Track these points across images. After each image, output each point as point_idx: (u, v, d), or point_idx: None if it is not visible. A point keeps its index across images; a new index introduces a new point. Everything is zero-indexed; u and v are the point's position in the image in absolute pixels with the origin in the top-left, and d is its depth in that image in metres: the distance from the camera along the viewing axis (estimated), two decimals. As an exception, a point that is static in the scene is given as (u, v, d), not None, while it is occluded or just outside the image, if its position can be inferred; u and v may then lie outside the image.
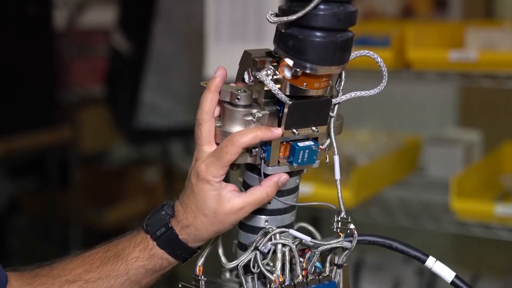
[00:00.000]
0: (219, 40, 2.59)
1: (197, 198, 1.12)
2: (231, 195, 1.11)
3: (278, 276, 1.08)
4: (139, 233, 1.18)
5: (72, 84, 4.88)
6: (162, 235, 1.15)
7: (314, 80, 1.02)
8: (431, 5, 5.57)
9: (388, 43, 2.52)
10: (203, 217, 1.12)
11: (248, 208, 1.11)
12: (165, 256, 1.16)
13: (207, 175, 1.10)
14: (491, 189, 2.68)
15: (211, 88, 1.11)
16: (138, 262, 1.16)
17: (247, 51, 1.07)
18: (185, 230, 1.14)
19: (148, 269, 1.17)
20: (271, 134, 1.07)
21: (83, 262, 1.19)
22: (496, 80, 2.47)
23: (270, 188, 1.11)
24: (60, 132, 4.42)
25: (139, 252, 1.17)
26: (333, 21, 0.97)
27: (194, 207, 1.13)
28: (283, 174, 1.11)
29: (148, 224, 1.17)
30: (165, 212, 1.16)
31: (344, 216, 1.09)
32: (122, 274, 1.17)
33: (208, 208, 1.11)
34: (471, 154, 2.91)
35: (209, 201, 1.11)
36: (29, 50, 4.26)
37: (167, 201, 1.19)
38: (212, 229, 1.13)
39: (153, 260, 1.16)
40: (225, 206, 1.11)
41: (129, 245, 1.18)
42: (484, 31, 2.65)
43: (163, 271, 1.20)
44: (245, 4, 2.53)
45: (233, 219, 1.12)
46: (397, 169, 2.86)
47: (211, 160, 1.10)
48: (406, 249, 1.12)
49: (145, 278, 1.18)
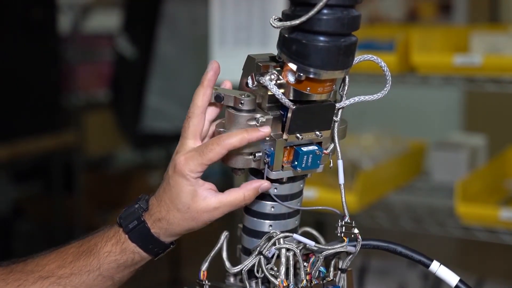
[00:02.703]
0: (224, 45, 2.59)
1: (172, 191, 1.11)
2: (207, 194, 1.10)
3: (282, 281, 1.08)
4: (112, 228, 1.17)
5: (77, 88, 4.89)
6: (134, 228, 1.14)
7: (318, 84, 1.02)
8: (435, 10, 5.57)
9: (393, 47, 2.52)
10: (176, 211, 1.11)
11: (223, 209, 1.11)
12: (136, 250, 1.15)
13: (185, 168, 1.09)
14: (496, 194, 2.67)
15: (203, 83, 1.12)
16: (110, 257, 1.15)
17: (251, 56, 1.08)
18: (157, 224, 1.13)
19: (120, 264, 1.16)
20: (257, 134, 1.06)
21: (57, 258, 1.18)
22: (501, 84, 2.47)
23: (249, 192, 1.10)
24: (65, 136, 4.43)
25: (111, 246, 1.15)
26: (337, 25, 0.97)
27: (168, 200, 1.12)
28: (265, 182, 1.10)
29: (121, 218, 1.16)
30: (138, 205, 1.15)
31: (348, 221, 1.09)
32: (94, 269, 1.16)
33: (182, 203, 1.10)
34: (476, 158, 2.91)
35: (183, 195, 1.10)
36: (33, 55, 4.27)
37: (143, 195, 1.18)
38: (185, 224, 1.12)
39: (125, 254, 1.15)
40: (200, 203, 1.10)
41: (101, 240, 1.17)
42: (489, 36, 2.65)
43: (136, 266, 1.18)
44: (249, 9, 2.53)
45: (206, 218, 1.11)
46: (402, 174, 2.86)
47: (192, 155, 1.09)
48: (410, 254, 1.12)
49: (118, 273, 1.17)
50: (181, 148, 1.12)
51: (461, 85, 2.77)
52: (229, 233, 1.17)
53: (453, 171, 2.80)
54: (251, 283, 1.12)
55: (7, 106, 4.15)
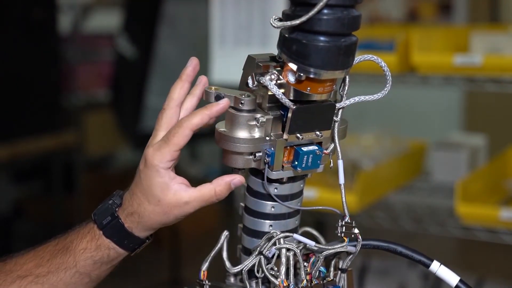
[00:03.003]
0: (224, 45, 2.59)
1: (142, 184, 1.10)
2: (178, 187, 1.10)
3: (283, 281, 1.08)
4: (88, 224, 1.17)
5: (77, 88, 4.90)
6: (108, 224, 1.14)
7: (318, 84, 1.02)
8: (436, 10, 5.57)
9: (393, 47, 2.52)
10: (146, 204, 1.11)
11: (194, 204, 1.10)
12: (111, 246, 1.14)
13: (153, 159, 1.09)
14: (496, 194, 2.67)
15: (181, 77, 1.13)
16: (85, 254, 1.15)
17: (251, 56, 1.07)
18: (130, 218, 1.13)
19: (95, 260, 1.15)
20: (217, 107, 1.07)
21: (34, 256, 1.18)
22: (501, 84, 2.47)
23: (220, 187, 1.10)
24: (65, 136, 4.43)
25: (86, 243, 1.15)
26: (337, 25, 0.97)
27: (139, 193, 1.11)
28: (238, 176, 1.10)
29: (95, 214, 1.15)
30: (112, 201, 1.15)
31: (348, 221, 1.09)
32: (70, 266, 1.15)
33: (152, 195, 1.10)
34: (476, 158, 2.91)
35: (153, 188, 1.09)
36: (34, 55, 4.27)
37: (117, 190, 1.17)
38: (156, 218, 1.12)
39: (100, 250, 1.15)
40: (170, 197, 1.09)
41: (77, 237, 1.16)
42: (489, 35, 2.65)
43: (113, 263, 1.17)
44: (249, 9, 2.53)
45: (177, 212, 1.11)
46: (402, 174, 2.86)
47: (159, 144, 1.09)
48: (411, 254, 1.12)
49: (94, 270, 1.16)
50: (152, 140, 1.11)
51: (461, 85, 2.77)
52: (229, 233, 1.17)
53: (453, 171, 2.80)
54: (251, 283, 1.12)
55: (7, 106, 4.16)
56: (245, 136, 1.06)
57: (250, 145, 1.06)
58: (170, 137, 1.08)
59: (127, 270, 4.46)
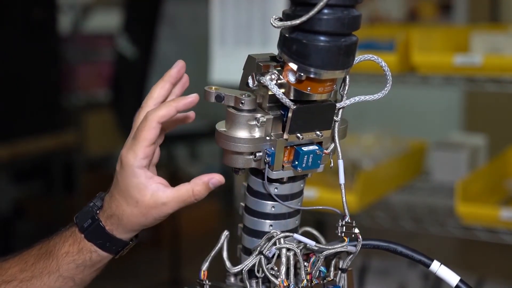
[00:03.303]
0: (224, 45, 2.59)
1: (120, 186, 1.09)
2: (155, 188, 1.08)
3: (283, 281, 1.08)
4: (70, 227, 1.15)
5: (77, 88, 4.90)
6: (89, 227, 1.12)
7: (318, 84, 1.02)
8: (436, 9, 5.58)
9: (393, 47, 2.52)
10: (125, 206, 1.09)
11: (172, 204, 1.08)
12: (93, 249, 1.13)
13: (127, 159, 1.07)
14: (496, 194, 2.68)
15: (164, 77, 1.11)
16: (68, 257, 1.13)
17: (251, 56, 1.07)
18: (110, 220, 1.11)
19: (78, 264, 1.14)
20: (185, 100, 1.06)
21: (19, 261, 1.17)
22: (501, 84, 2.47)
23: (198, 187, 1.08)
24: (65, 136, 4.43)
25: (68, 246, 1.13)
26: (337, 25, 0.97)
27: (117, 195, 1.10)
28: (216, 175, 1.09)
29: (77, 217, 1.14)
30: (93, 203, 1.14)
31: (348, 221, 1.09)
32: (53, 270, 1.14)
33: (130, 197, 1.08)
34: (476, 158, 2.91)
35: (130, 189, 1.08)
36: (34, 55, 4.27)
37: (100, 193, 1.16)
38: (135, 220, 1.10)
39: (83, 254, 1.13)
40: (148, 198, 1.07)
41: (60, 241, 1.15)
42: (489, 35, 2.65)
43: (96, 266, 1.15)
44: (249, 8, 2.53)
45: (155, 214, 1.09)
46: (402, 174, 2.86)
47: (130, 143, 1.08)
48: (411, 253, 1.12)
49: (78, 273, 1.15)
50: (128, 140, 1.10)
51: (461, 85, 2.77)
52: (229, 233, 1.17)
53: (453, 171, 2.80)
54: (252, 283, 1.12)
55: (8, 106, 4.16)
56: (245, 136, 1.06)
57: (250, 145, 1.06)
58: (138, 133, 1.07)
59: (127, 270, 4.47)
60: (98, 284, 1.23)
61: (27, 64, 4.24)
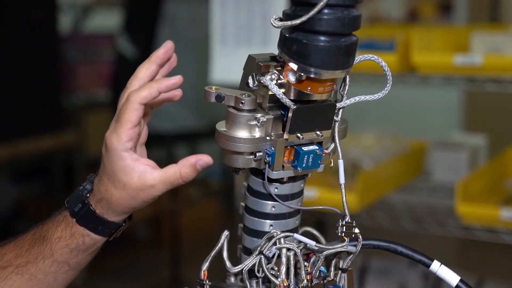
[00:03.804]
0: (224, 45, 2.59)
1: (107, 169, 1.08)
2: (143, 170, 1.06)
3: (283, 281, 1.08)
4: (62, 212, 1.15)
5: (77, 88, 4.90)
6: (79, 212, 1.11)
7: (319, 84, 1.02)
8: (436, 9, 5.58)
9: (393, 47, 2.52)
10: (113, 190, 1.08)
11: (159, 187, 1.06)
12: (86, 233, 1.12)
13: (111, 142, 1.06)
14: (496, 194, 2.68)
15: (150, 58, 1.09)
16: (61, 242, 1.13)
17: (252, 56, 1.07)
18: (100, 204, 1.10)
19: (72, 248, 1.13)
20: (167, 82, 1.05)
21: (15, 247, 1.17)
22: (501, 84, 2.47)
23: (185, 169, 1.06)
24: (65, 136, 4.43)
25: (61, 231, 1.13)
26: (337, 25, 0.97)
27: (105, 179, 1.08)
28: (203, 156, 1.07)
29: (68, 201, 1.14)
30: (82, 187, 1.13)
31: (349, 220, 1.09)
32: (47, 256, 1.13)
33: (117, 180, 1.07)
34: (476, 158, 2.91)
35: (117, 172, 1.06)
36: (34, 55, 4.27)
37: (90, 175, 1.15)
38: (124, 203, 1.08)
39: (75, 238, 1.12)
40: (135, 181, 1.06)
41: (52, 225, 1.14)
42: (489, 35, 2.65)
43: (90, 250, 1.15)
44: (250, 8, 2.53)
45: (144, 196, 1.07)
46: (402, 174, 2.86)
47: (113, 126, 1.06)
48: (411, 253, 1.12)
49: (72, 258, 1.14)
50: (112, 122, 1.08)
51: (461, 85, 2.77)
52: (229, 233, 1.17)
53: (454, 171, 2.80)
54: (252, 282, 1.12)
55: (8, 106, 4.16)
56: (245, 136, 1.06)
57: (250, 145, 1.06)
58: (120, 115, 1.05)
59: (127, 270, 4.47)
60: (99, 283, 1.23)
61: (27, 64, 4.24)
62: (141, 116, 1.06)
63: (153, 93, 1.05)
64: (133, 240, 5.00)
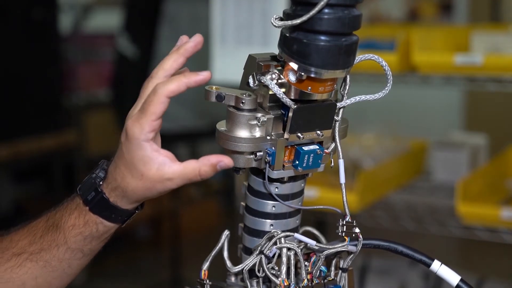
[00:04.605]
0: (225, 44, 2.59)
1: (125, 158, 1.06)
2: (162, 161, 1.05)
3: (283, 280, 1.08)
4: (75, 199, 1.14)
5: (78, 88, 4.90)
6: (93, 200, 1.11)
7: (319, 84, 1.02)
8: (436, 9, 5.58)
9: (394, 47, 2.52)
10: (130, 178, 1.07)
11: (177, 181, 1.06)
12: (99, 221, 1.12)
13: (133, 132, 1.04)
14: (497, 193, 2.67)
15: (179, 50, 1.08)
16: (74, 230, 1.13)
17: (252, 55, 1.07)
18: (114, 192, 1.10)
19: (85, 236, 1.13)
20: (196, 78, 1.03)
21: (28, 233, 1.17)
22: (502, 84, 2.47)
23: (205, 167, 1.05)
24: (66, 136, 4.43)
25: (74, 219, 1.13)
26: (338, 25, 0.97)
27: (123, 167, 1.07)
28: (225, 158, 1.06)
29: (81, 189, 1.13)
30: (95, 175, 1.12)
31: (349, 220, 1.09)
32: (61, 243, 1.13)
33: (136, 169, 1.06)
34: (477, 158, 2.91)
35: (136, 162, 1.05)
36: (34, 54, 4.27)
37: (102, 161, 1.14)
38: (140, 193, 1.08)
39: (89, 226, 1.12)
40: (153, 172, 1.05)
41: (65, 213, 1.14)
42: (490, 35, 2.65)
43: (104, 236, 1.15)
44: (250, 8, 2.53)
45: (160, 188, 1.07)
46: (403, 173, 2.86)
47: (137, 115, 1.05)
48: (412, 253, 1.12)
49: (86, 245, 1.14)
50: (133, 110, 1.07)
51: (462, 85, 2.77)
52: (230, 232, 1.17)
53: (454, 171, 2.80)
54: (252, 282, 1.12)
55: (8, 105, 4.16)
56: (246, 136, 1.06)
57: (251, 145, 1.06)
58: (146, 106, 1.04)
59: (128, 269, 4.47)
60: (99, 283, 1.23)
61: (27, 64, 4.24)
62: (165, 109, 1.05)
63: (181, 88, 1.04)
64: (133, 240, 5.00)
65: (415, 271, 2.88)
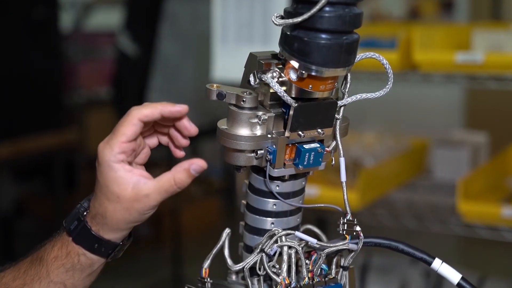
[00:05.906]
0: (226, 42, 2.59)
1: (100, 182, 1.05)
2: (136, 180, 1.04)
3: (284, 278, 1.08)
4: (60, 232, 1.13)
5: (79, 86, 4.90)
6: (75, 229, 1.09)
7: (320, 82, 1.02)
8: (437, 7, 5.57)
9: (395, 45, 2.52)
10: (107, 203, 1.05)
11: (154, 196, 1.05)
12: (81, 251, 1.09)
13: (104, 154, 1.04)
14: (498, 191, 2.67)
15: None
16: (57, 262, 1.10)
17: (253, 54, 1.07)
18: (95, 220, 1.08)
19: (67, 268, 1.10)
20: (172, 108, 1.04)
21: (14, 269, 1.15)
22: (503, 82, 2.47)
23: (179, 175, 1.05)
24: (67, 134, 4.43)
25: (57, 251, 1.10)
26: (339, 23, 0.97)
27: (99, 193, 1.06)
28: (196, 160, 1.06)
29: (66, 221, 1.11)
30: (80, 205, 1.11)
31: (350, 218, 1.09)
32: (44, 276, 1.11)
33: (111, 193, 1.04)
34: (478, 156, 2.91)
35: (110, 184, 1.04)
36: (35, 53, 4.27)
37: (90, 195, 1.12)
38: (119, 217, 1.06)
39: (71, 257, 1.10)
40: (129, 191, 1.04)
41: (50, 245, 1.12)
42: (491, 33, 2.65)
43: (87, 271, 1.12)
44: (251, 6, 2.53)
45: (139, 207, 1.05)
46: (404, 171, 2.86)
47: (108, 137, 1.05)
48: (412, 251, 1.12)
49: (68, 278, 1.11)
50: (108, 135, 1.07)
51: (463, 83, 2.77)
52: (231, 230, 1.17)
53: (455, 169, 2.80)
54: (253, 280, 1.12)
55: (9, 104, 4.16)
56: (246, 134, 1.06)
57: (251, 143, 1.06)
58: (117, 127, 1.04)
59: (128, 267, 4.47)
60: (99, 282, 1.22)
61: (28, 62, 4.24)
62: (137, 132, 1.05)
63: (155, 114, 1.04)
64: (134, 238, 4.98)
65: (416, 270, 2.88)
